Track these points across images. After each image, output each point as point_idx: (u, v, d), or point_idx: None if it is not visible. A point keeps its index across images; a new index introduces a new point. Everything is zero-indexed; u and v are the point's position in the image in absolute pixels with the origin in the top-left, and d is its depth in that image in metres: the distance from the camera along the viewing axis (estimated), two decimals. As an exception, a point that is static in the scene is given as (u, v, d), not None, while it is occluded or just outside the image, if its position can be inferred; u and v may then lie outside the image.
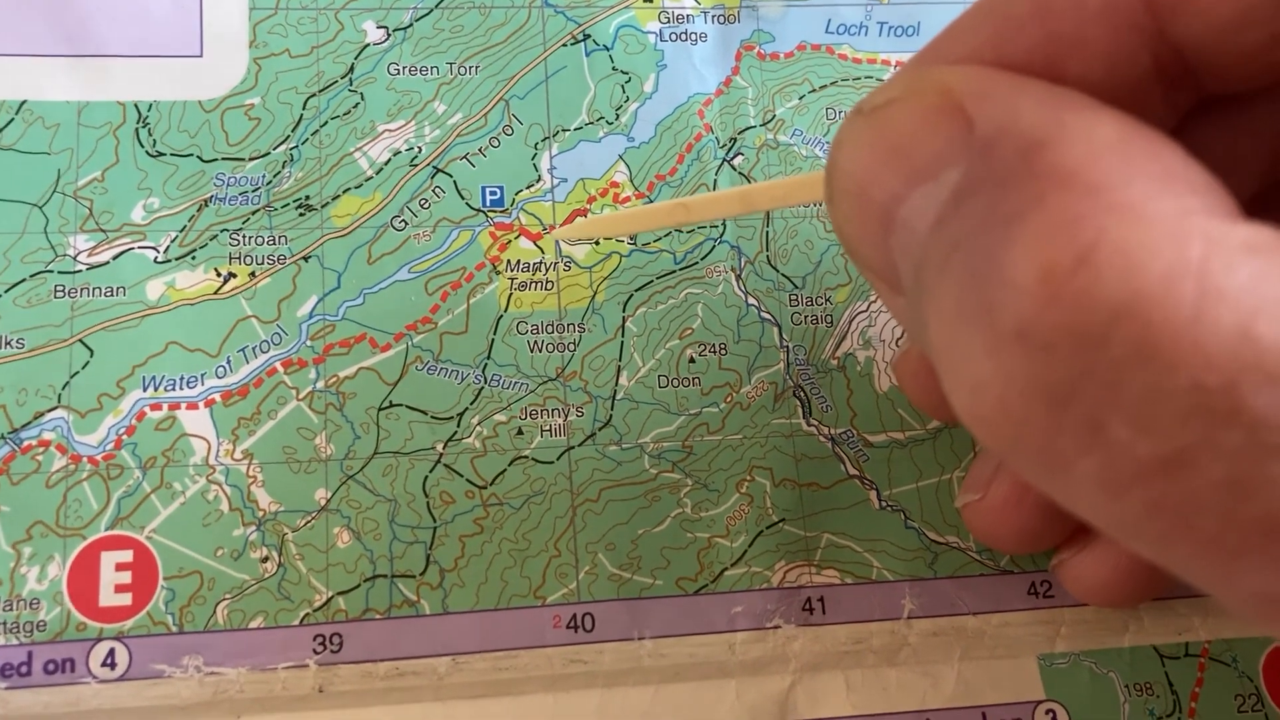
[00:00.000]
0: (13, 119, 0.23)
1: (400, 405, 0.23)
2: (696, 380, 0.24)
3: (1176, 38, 0.14)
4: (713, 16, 0.26)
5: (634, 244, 0.24)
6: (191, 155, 0.23)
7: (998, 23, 0.15)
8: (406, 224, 0.24)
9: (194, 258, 0.23)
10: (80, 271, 0.22)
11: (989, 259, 0.12)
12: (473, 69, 0.25)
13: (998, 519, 0.21)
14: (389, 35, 0.24)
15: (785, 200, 0.19)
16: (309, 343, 0.23)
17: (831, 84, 0.26)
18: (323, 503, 0.22)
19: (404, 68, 0.24)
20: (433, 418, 0.23)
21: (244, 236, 0.23)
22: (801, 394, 0.24)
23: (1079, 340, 0.11)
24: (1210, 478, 0.11)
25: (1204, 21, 0.14)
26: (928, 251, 0.13)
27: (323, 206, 0.23)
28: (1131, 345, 0.11)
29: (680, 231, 0.24)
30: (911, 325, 0.15)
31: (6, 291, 0.22)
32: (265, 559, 0.21)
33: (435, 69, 0.24)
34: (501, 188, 0.24)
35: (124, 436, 0.22)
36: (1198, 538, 0.11)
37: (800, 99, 0.25)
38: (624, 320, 0.24)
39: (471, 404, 0.23)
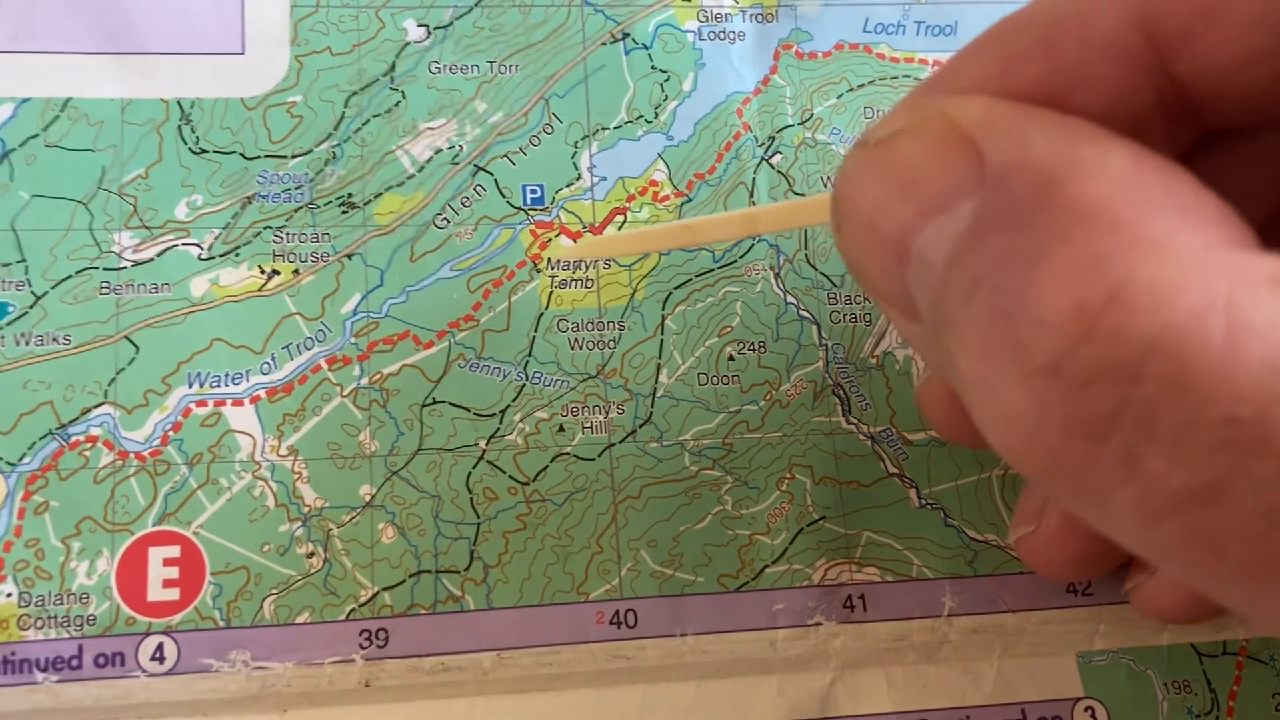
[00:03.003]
0: (58, 116, 0.23)
1: (443, 402, 0.23)
2: (736, 378, 0.24)
3: (1179, 75, 0.14)
4: (751, 15, 0.26)
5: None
6: (234, 153, 0.23)
7: (1003, 55, 0.15)
8: (448, 222, 0.24)
9: (238, 255, 0.23)
10: (125, 268, 0.23)
11: (1016, 296, 0.12)
12: (513, 67, 0.25)
13: (1053, 549, 0.21)
14: (430, 33, 0.25)
15: (789, 223, 0.19)
16: (352, 340, 0.23)
17: (869, 83, 0.26)
18: (367, 499, 0.22)
19: (445, 66, 0.24)
20: (475, 414, 0.23)
21: (287, 234, 0.23)
22: (840, 392, 0.24)
23: (1114, 375, 0.11)
24: (1244, 507, 0.11)
25: (1207, 61, 0.14)
26: (948, 285, 0.13)
27: (365, 204, 0.23)
28: (1165, 380, 0.11)
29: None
30: (930, 353, 0.15)
31: (53, 288, 0.22)
32: (311, 554, 0.22)
33: (476, 67, 0.25)
34: (542, 186, 0.24)
35: (170, 433, 0.22)
36: (1232, 564, 0.11)
37: (838, 98, 0.25)
38: (663, 318, 0.24)
39: (513, 401, 0.23)
